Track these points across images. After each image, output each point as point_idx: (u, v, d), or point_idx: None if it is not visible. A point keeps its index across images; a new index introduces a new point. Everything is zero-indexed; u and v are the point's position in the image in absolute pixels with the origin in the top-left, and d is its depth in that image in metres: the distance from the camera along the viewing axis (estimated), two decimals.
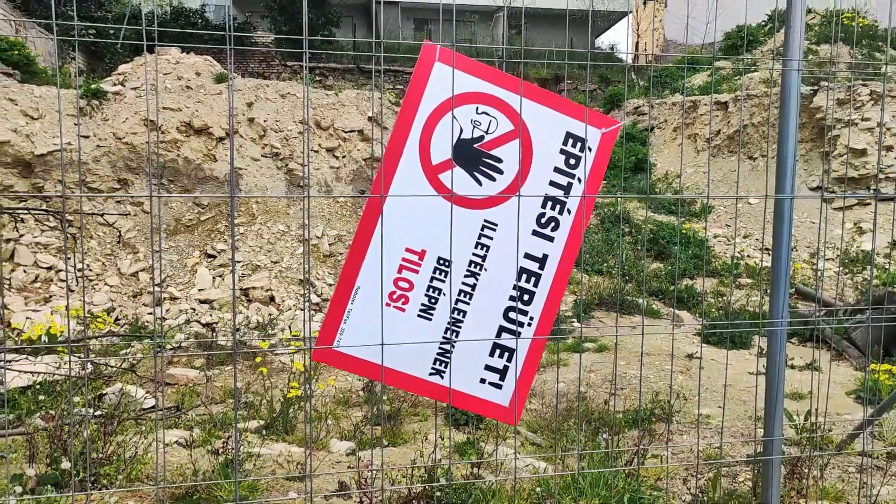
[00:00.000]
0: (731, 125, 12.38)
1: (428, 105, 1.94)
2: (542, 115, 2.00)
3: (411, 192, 1.91)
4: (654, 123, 13.96)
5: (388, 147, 1.93)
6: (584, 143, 2.02)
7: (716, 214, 11.16)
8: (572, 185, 2.02)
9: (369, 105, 9.90)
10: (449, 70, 1.93)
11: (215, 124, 9.20)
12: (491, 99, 1.98)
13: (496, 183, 1.98)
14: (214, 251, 8.41)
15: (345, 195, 8.86)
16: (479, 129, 1.97)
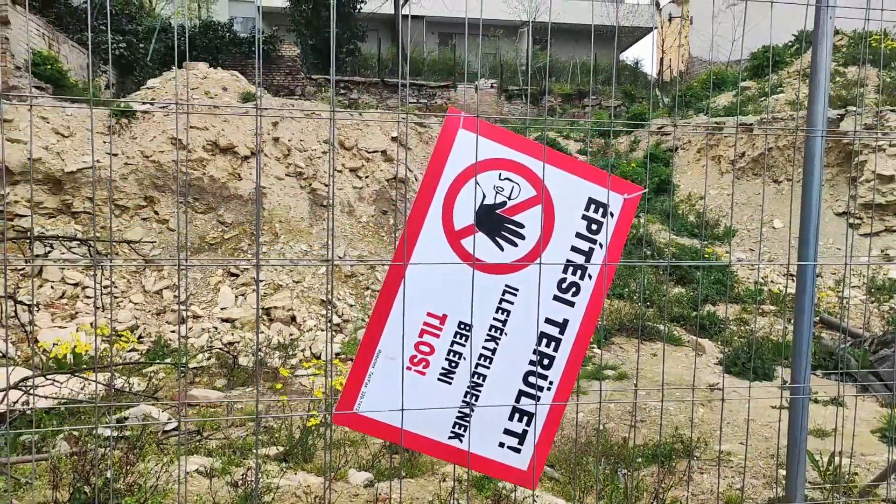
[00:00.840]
0: (755, 147, 12.29)
1: (452, 171, 1.97)
2: (564, 180, 2.02)
3: (434, 256, 1.94)
4: (677, 144, 13.89)
5: (412, 211, 1.95)
6: (606, 208, 2.03)
7: (739, 238, 11.07)
8: (594, 251, 2.03)
9: (393, 125, 9.96)
10: (472, 137, 1.95)
11: (241, 143, 9.31)
12: (514, 165, 2.00)
13: (518, 248, 1.99)
14: (238, 270, 8.49)
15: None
16: (502, 195, 1.99)
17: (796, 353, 2.16)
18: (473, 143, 1.95)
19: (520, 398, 2.02)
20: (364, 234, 9.11)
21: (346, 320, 8.15)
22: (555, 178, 2.01)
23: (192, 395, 6.24)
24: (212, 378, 6.80)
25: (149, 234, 8.64)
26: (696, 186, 12.63)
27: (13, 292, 7.32)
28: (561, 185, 2.02)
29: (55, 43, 15.49)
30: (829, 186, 10.96)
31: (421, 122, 10.41)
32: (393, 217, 9.28)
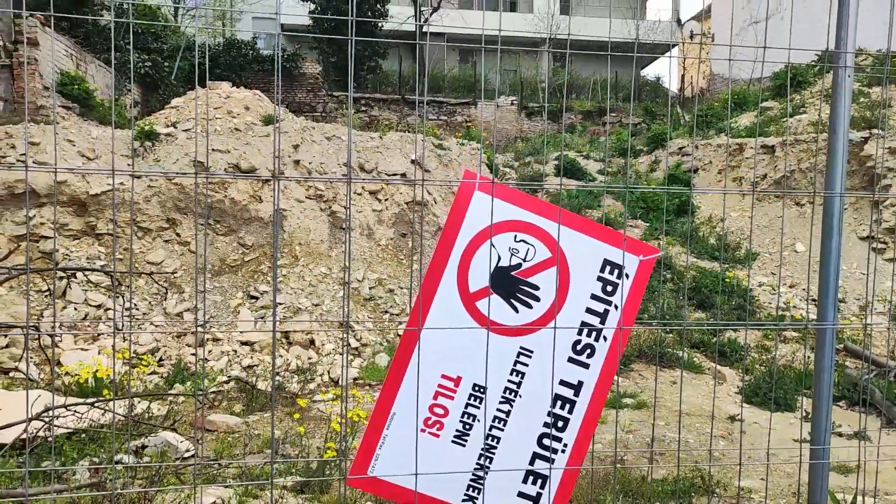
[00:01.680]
0: (777, 170, 12.19)
1: (467, 234, 1.98)
2: (579, 242, 2.02)
3: (449, 318, 1.95)
4: (698, 165, 13.82)
5: (428, 274, 1.97)
6: (621, 269, 2.03)
7: (761, 261, 10.96)
8: (609, 312, 2.03)
9: (412, 148, 10.01)
10: (488, 199, 1.97)
11: (262, 166, 9.40)
12: (529, 227, 2.01)
13: (533, 310, 1.99)
14: (257, 292, 8.56)
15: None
16: (517, 257, 2.00)
17: (816, 417, 2.14)
18: (489, 206, 1.96)
19: (534, 461, 2.01)
20: (383, 257, 9.15)
21: (364, 344, 8.17)
22: (570, 239, 2.01)
23: (210, 420, 6.28)
24: (230, 402, 6.85)
25: (171, 256, 8.74)
26: (718, 208, 12.54)
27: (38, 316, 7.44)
28: (576, 247, 2.02)
29: (82, 63, 15.79)
30: (852, 210, 10.83)
31: (440, 143, 10.45)
32: (412, 240, 9.31)
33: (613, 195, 13.44)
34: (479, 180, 2.00)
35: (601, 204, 12.82)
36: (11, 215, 8.41)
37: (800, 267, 10.52)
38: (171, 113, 13.47)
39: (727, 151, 13.25)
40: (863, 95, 13.91)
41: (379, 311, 8.65)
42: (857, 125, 12.40)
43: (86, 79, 14.80)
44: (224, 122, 11.71)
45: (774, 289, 10.07)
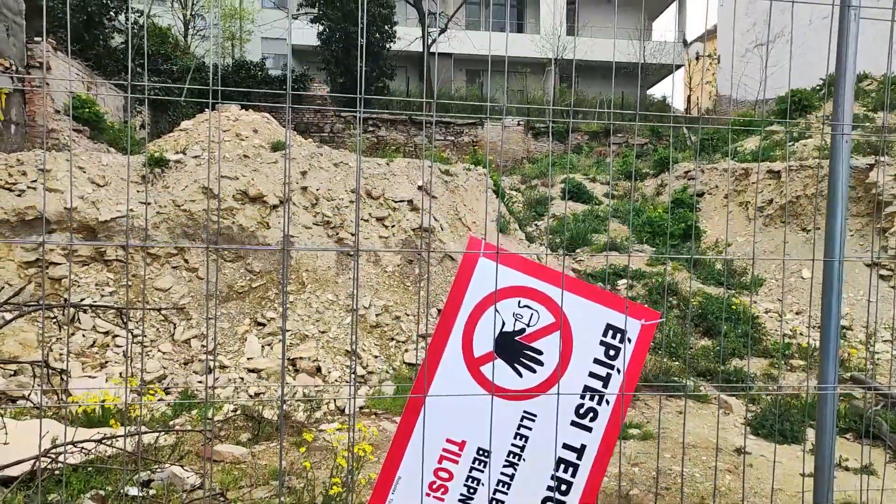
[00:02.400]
0: (783, 195, 12.21)
1: (472, 299, 2.02)
2: (582, 307, 2.06)
3: (454, 383, 1.98)
4: (703, 189, 13.85)
5: (433, 339, 2.00)
6: (623, 334, 2.06)
7: (767, 288, 10.95)
8: (611, 376, 2.06)
9: (419, 174, 10.08)
10: (492, 265, 2.01)
11: (270, 192, 9.48)
12: (533, 292, 2.04)
13: (537, 374, 2.03)
14: (265, 319, 8.60)
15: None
16: (521, 322, 2.04)
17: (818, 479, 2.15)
18: (493, 272, 2.00)
19: None
20: (389, 284, 9.19)
21: (370, 372, 8.19)
22: (573, 304, 2.05)
23: (216, 451, 6.30)
24: (237, 431, 6.87)
25: (179, 282, 8.81)
26: (724, 232, 12.55)
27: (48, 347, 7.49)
28: (579, 312, 2.06)
29: (93, 86, 15.98)
30: (858, 237, 10.83)
31: (447, 169, 10.52)
32: (418, 267, 9.35)
33: (619, 219, 13.47)
34: (483, 251, 2.04)
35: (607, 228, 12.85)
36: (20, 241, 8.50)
37: (806, 293, 10.51)
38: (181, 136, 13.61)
39: (733, 176, 13.28)
40: (868, 120, 13.94)
41: (385, 337, 8.69)
42: (863, 151, 12.42)
43: (97, 102, 14.97)
44: (233, 145, 11.82)
45: (781, 316, 10.06)
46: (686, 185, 14.42)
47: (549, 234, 12.63)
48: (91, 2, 17.56)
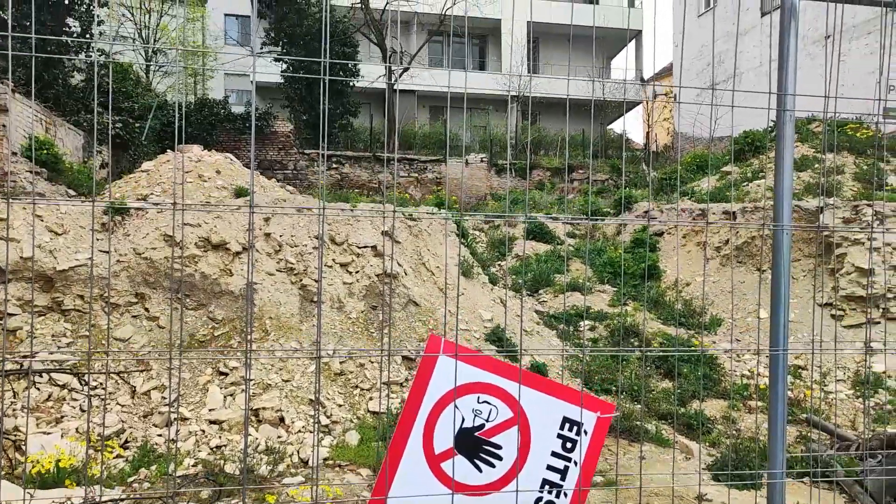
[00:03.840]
0: (740, 236, 12.54)
1: (432, 397, 2.07)
2: (540, 401, 2.12)
3: (415, 481, 2.02)
4: (663, 228, 14.15)
5: (394, 437, 2.05)
6: (580, 427, 2.13)
7: (725, 327, 11.18)
8: (568, 469, 2.12)
9: (383, 220, 10.15)
10: (452, 363, 2.06)
11: (233, 239, 9.44)
12: (491, 388, 2.10)
13: (496, 469, 2.08)
14: (227, 368, 8.51)
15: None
16: (480, 418, 2.09)
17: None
18: (453, 369, 2.06)
19: None
20: (353, 331, 9.18)
21: (334, 421, 8.15)
22: (530, 398, 2.12)
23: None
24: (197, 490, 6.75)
25: (139, 331, 8.68)
26: (683, 272, 12.81)
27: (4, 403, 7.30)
28: (537, 406, 2.12)
29: (52, 126, 15.79)
30: (811, 277, 11.16)
31: (410, 215, 10.61)
32: (382, 313, 9.37)
33: (581, 259, 13.67)
34: (444, 339, 2.10)
35: (568, 269, 13.04)
36: None
37: (763, 333, 10.75)
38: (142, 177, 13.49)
39: (690, 216, 13.60)
40: (816, 161, 14.44)
41: (349, 385, 8.65)
42: (812, 192, 12.85)
43: (55, 143, 14.79)
44: (195, 186, 11.75)
45: (739, 356, 10.28)
46: (645, 224, 14.71)
47: (512, 274, 12.75)
48: (50, 42, 17.41)
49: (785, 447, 2.29)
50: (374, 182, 24.48)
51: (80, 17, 17.69)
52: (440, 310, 9.83)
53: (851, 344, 10.06)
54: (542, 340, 10.27)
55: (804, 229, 10.49)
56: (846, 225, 10.83)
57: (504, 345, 9.30)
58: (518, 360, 1.86)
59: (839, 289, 10.49)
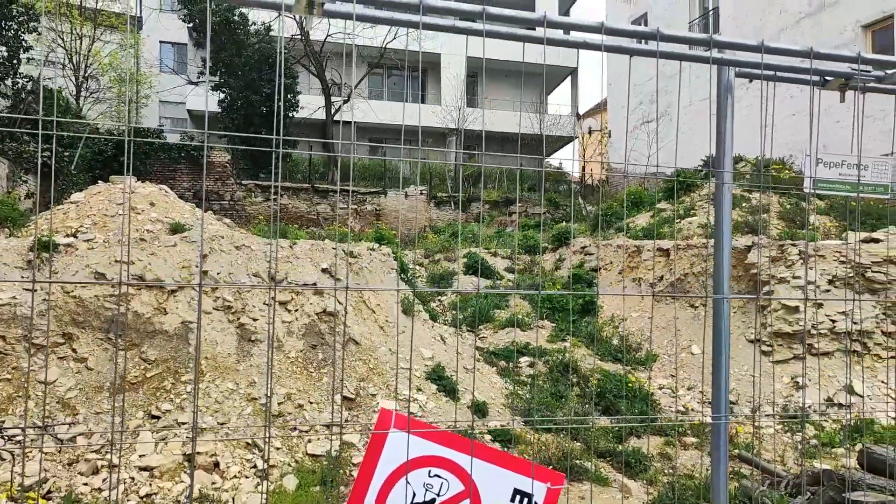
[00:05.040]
0: (673, 272, 12.89)
1: (383, 472, 2.04)
2: (490, 473, 2.12)
3: None
4: (600, 264, 14.43)
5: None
6: (531, 498, 2.13)
7: (661, 363, 11.43)
8: None
9: (323, 256, 10.05)
10: (403, 437, 2.04)
11: (168, 277, 9.19)
12: (443, 461, 2.09)
13: None
14: (159, 412, 8.22)
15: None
16: (432, 492, 2.07)
17: None
18: (404, 443, 2.04)
19: None
20: (293, 371, 9.01)
21: (271, 465, 7.94)
22: (482, 471, 2.11)
23: None
24: None
25: (65, 374, 8.32)
26: (619, 308, 13.07)
27: None
28: (488, 478, 2.11)
29: None
30: (741, 314, 11.54)
31: (351, 251, 10.54)
32: (322, 352, 9.23)
33: (521, 295, 13.81)
34: (395, 412, 2.08)
35: (509, 304, 13.14)
36: None
37: (696, 369, 11.04)
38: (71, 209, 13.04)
39: (626, 253, 13.92)
40: (744, 200, 15.03)
41: (288, 427, 8.46)
42: (741, 230, 13.35)
43: None
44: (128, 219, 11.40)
45: (674, 391, 10.50)
46: (583, 259, 14.99)
47: (452, 310, 12.78)
48: None
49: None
50: (313, 213, 24.29)
51: (7, 42, 17.12)
52: (381, 348, 9.77)
53: (780, 379, 10.42)
54: (482, 378, 10.29)
55: (743, 299, 10.87)
56: (773, 263, 11.27)
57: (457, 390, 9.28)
58: (470, 433, 1.84)
59: (767, 325, 10.88)
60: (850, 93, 2.52)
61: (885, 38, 21.28)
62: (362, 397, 8.96)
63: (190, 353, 8.81)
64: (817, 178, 2.49)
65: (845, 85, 2.46)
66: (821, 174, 2.52)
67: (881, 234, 11.43)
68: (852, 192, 2.54)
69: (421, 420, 2.15)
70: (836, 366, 10.44)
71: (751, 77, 2.43)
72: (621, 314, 12.82)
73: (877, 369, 10.35)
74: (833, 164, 2.54)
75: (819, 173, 2.53)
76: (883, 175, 2.56)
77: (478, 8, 1.98)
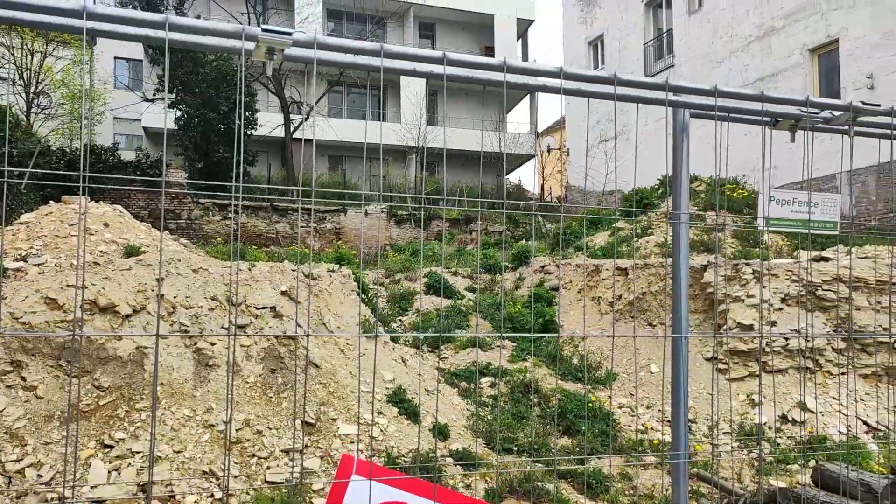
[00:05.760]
0: (631, 291, 13.06)
1: None
2: None
3: None
4: (560, 283, 14.56)
5: None
6: None
7: (620, 382, 11.55)
8: None
9: (283, 279, 9.95)
10: (366, 483, 2.02)
11: (122, 301, 9.00)
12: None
13: None
14: (112, 440, 8.01)
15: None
16: None
17: None
18: (366, 488, 2.02)
19: None
20: (251, 396, 8.87)
21: (229, 493, 7.78)
22: None
23: None
24: None
25: (13, 403, 8.06)
26: (580, 327, 13.19)
27: None
28: None
29: None
30: (697, 331, 11.73)
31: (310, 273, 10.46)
32: (281, 376, 9.11)
33: (482, 314, 13.85)
34: (357, 458, 2.06)
35: (469, 324, 13.16)
36: None
37: (655, 387, 11.18)
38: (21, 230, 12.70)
39: (585, 272, 14.07)
40: (699, 219, 15.34)
41: (246, 454, 8.32)
42: (697, 249, 13.61)
43: None
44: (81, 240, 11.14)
45: (633, 411, 10.61)
46: (543, 279, 15.10)
47: (413, 330, 12.75)
48: None
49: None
50: (272, 232, 24.06)
51: None
52: (341, 371, 9.69)
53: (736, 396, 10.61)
54: (443, 399, 10.27)
55: (699, 337, 11.06)
56: (728, 283, 11.51)
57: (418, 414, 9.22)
58: (434, 478, 1.83)
59: (723, 343, 11.08)
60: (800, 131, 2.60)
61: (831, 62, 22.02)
62: (323, 422, 8.86)
63: (145, 379, 8.61)
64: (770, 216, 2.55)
65: (795, 125, 2.54)
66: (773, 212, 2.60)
67: (831, 252, 11.77)
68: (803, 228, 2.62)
69: (382, 467, 2.13)
70: (789, 382, 10.68)
71: (705, 118, 2.50)
72: (581, 332, 12.93)
73: (828, 385, 10.61)
74: (785, 202, 2.61)
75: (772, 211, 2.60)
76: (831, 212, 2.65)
77: (437, 54, 1.99)
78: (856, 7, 20.68)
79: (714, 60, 25.41)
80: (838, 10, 21.17)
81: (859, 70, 20.60)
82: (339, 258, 14.71)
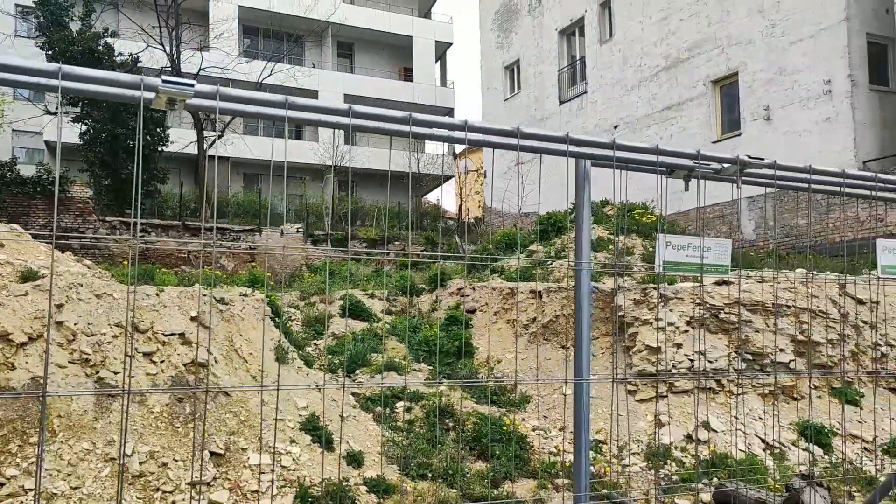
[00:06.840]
0: (545, 314, 13.33)
1: None
2: None
3: None
4: (475, 306, 14.71)
5: None
6: None
7: (534, 404, 11.73)
8: None
9: (193, 304, 9.67)
10: None
11: (17, 329, 8.53)
12: None
13: None
14: (3, 477, 7.55)
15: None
16: None
17: None
18: None
19: None
20: (157, 427, 8.54)
21: None
22: None
23: None
24: None
25: None
26: (494, 349, 13.34)
27: None
28: None
29: None
30: (609, 354, 12.07)
31: (222, 298, 10.20)
32: (189, 405, 8.82)
33: (397, 337, 13.82)
34: None
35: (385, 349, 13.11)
36: None
37: (569, 410, 11.40)
38: None
39: (500, 295, 14.27)
40: (610, 243, 15.84)
41: (150, 488, 7.99)
42: (608, 273, 14.02)
43: None
44: None
45: (546, 433, 10.79)
46: (459, 301, 15.22)
47: (328, 354, 12.61)
48: None
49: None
50: (183, 252, 23.35)
51: None
52: (252, 399, 9.46)
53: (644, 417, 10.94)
54: (357, 425, 10.17)
55: (600, 381, 11.37)
56: (637, 306, 11.91)
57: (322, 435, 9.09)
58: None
59: (632, 365, 11.43)
60: None
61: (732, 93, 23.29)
62: (232, 452, 8.61)
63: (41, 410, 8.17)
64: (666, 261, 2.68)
65: (689, 175, 2.68)
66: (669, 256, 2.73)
67: (732, 276, 12.37)
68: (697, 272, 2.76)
69: None
70: (693, 403, 11.11)
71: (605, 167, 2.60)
72: (496, 355, 13.09)
73: (730, 405, 11.09)
74: (680, 247, 2.75)
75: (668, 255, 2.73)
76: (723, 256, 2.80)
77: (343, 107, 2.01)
78: (752, 43, 21.98)
79: (625, 88, 26.44)
80: (737, 46, 22.45)
81: (757, 102, 21.88)
82: (253, 281, 14.40)
